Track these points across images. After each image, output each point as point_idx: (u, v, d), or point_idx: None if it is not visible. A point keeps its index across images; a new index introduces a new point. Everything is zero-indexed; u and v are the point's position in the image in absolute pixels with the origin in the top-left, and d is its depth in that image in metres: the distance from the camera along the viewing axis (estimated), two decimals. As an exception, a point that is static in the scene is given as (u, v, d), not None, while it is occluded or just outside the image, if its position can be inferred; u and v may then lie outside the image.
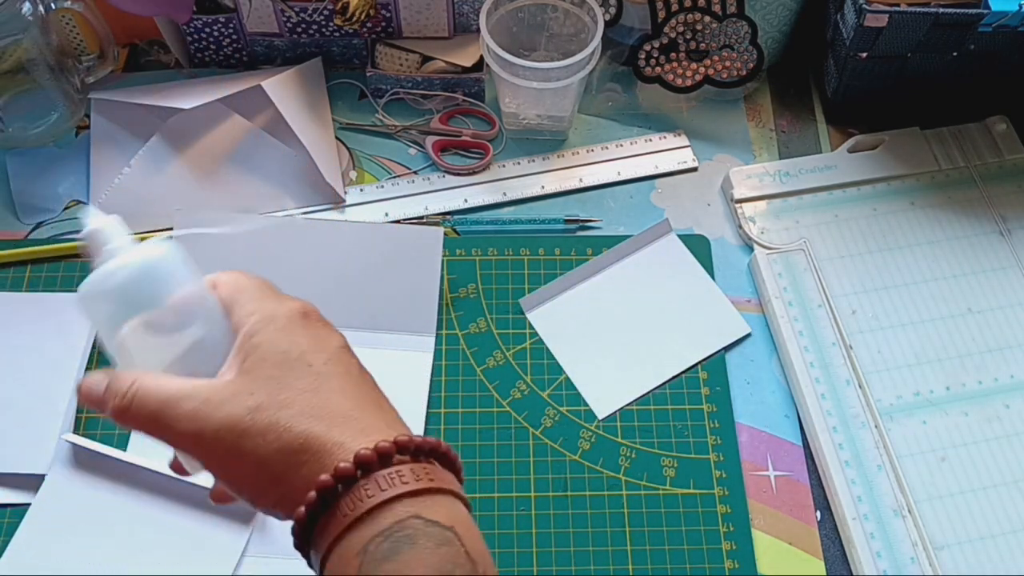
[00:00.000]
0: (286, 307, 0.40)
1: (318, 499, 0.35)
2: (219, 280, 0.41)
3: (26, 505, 0.60)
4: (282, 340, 0.38)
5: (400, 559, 0.33)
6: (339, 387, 0.38)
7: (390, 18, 0.76)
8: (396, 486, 0.35)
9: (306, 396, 0.37)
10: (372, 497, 0.35)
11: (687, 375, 0.66)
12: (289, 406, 0.37)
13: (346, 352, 0.40)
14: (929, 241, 0.71)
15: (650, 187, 0.75)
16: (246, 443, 0.36)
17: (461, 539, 0.35)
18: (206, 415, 0.37)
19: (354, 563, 0.34)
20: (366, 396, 0.39)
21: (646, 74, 0.77)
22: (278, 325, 0.39)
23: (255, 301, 0.40)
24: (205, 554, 0.58)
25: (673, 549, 0.60)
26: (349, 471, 0.35)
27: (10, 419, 0.62)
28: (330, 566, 0.35)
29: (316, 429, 0.36)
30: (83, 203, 0.73)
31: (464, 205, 0.73)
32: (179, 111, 0.72)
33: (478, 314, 0.69)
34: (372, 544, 0.34)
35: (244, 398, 0.37)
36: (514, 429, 0.64)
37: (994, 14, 0.67)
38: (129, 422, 0.38)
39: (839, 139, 0.77)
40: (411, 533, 0.34)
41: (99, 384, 0.39)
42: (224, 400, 0.37)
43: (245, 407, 0.36)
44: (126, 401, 0.38)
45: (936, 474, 0.62)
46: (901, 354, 0.66)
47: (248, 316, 0.39)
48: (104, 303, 0.40)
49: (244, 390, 0.37)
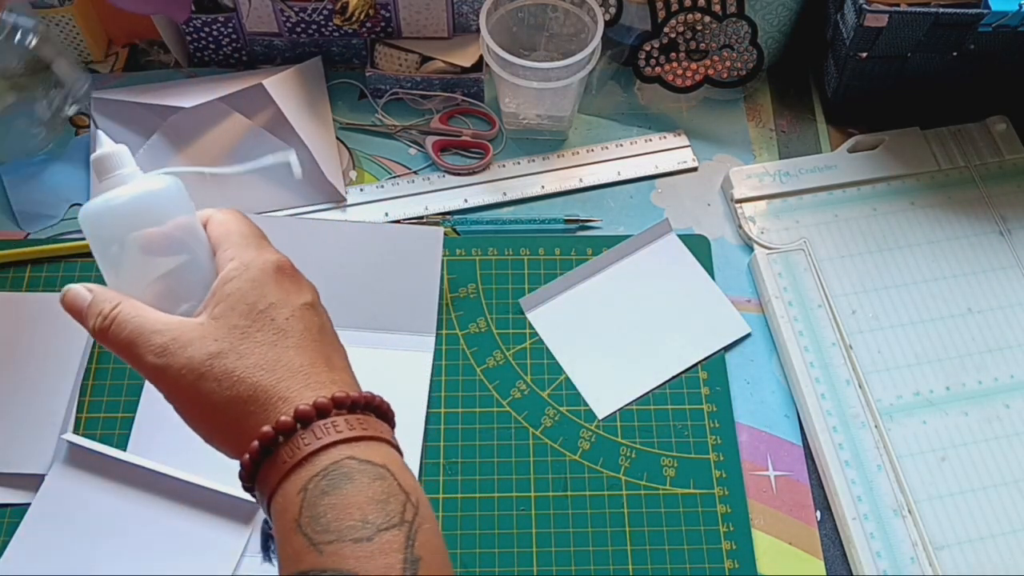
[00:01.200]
0: (262, 259, 0.42)
1: (260, 448, 0.38)
2: (212, 218, 0.45)
3: (26, 505, 0.60)
4: (252, 292, 0.41)
5: (338, 492, 0.37)
6: (296, 343, 0.41)
7: (389, 18, 0.76)
8: (331, 434, 0.38)
9: (263, 348, 0.40)
10: (308, 445, 0.38)
11: (687, 375, 0.66)
12: (246, 356, 0.40)
13: (309, 309, 0.43)
14: (929, 241, 0.71)
15: (650, 187, 0.75)
16: (203, 386, 0.39)
17: (394, 475, 0.38)
18: (171, 352, 0.40)
19: (296, 500, 0.37)
20: (318, 353, 0.41)
21: (646, 74, 0.77)
22: (251, 275, 0.42)
23: (237, 247, 0.43)
24: (205, 554, 0.58)
25: (673, 549, 0.60)
26: (288, 424, 0.38)
27: (10, 419, 0.62)
28: (275, 506, 0.38)
29: (266, 381, 0.39)
30: (80, 205, 0.72)
31: (464, 205, 0.73)
32: (179, 110, 0.72)
33: (478, 314, 0.69)
34: (311, 483, 0.37)
35: (208, 343, 0.40)
36: (514, 429, 0.64)
37: (994, 14, 0.67)
38: (105, 343, 0.42)
39: (839, 139, 0.77)
40: (347, 471, 0.37)
41: (83, 299, 0.42)
42: (190, 341, 0.40)
43: (207, 352, 0.40)
44: (106, 323, 0.41)
45: (936, 474, 0.62)
46: (901, 354, 0.66)
47: (228, 260, 0.42)
48: (105, 222, 0.43)
49: (209, 335, 0.40)
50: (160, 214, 0.43)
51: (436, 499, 0.61)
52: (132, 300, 0.42)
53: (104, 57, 0.81)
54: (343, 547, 0.36)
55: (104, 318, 0.41)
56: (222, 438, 0.41)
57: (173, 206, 0.44)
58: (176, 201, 0.44)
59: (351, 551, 0.36)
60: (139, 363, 0.41)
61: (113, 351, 0.42)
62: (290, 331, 0.41)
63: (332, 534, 0.36)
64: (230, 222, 0.44)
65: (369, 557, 0.36)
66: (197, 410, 0.41)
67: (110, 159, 0.44)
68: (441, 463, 0.63)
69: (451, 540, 0.60)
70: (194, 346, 0.40)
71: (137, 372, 0.42)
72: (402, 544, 0.37)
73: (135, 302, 0.42)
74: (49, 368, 0.64)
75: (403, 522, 0.37)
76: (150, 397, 0.64)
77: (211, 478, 0.60)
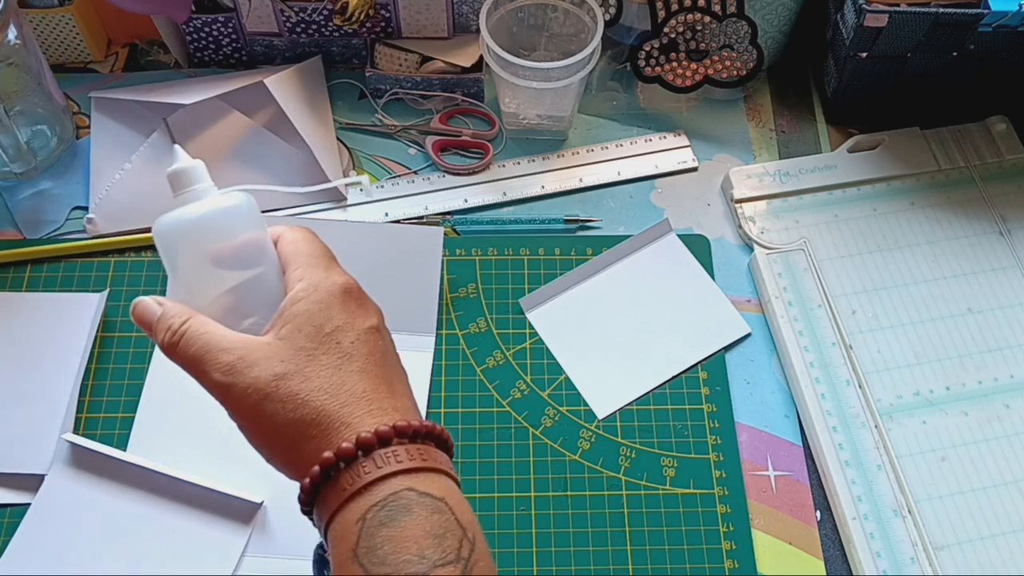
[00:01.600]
0: (330, 280, 0.43)
1: (321, 473, 0.39)
2: (283, 236, 0.45)
3: (26, 505, 0.60)
4: (319, 313, 0.42)
5: (397, 525, 0.37)
6: (360, 368, 0.41)
7: (389, 18, 0.76)
8: (391, 464, 0.38)
9: (328, 372, 0.40)
10: (369, 473, 0.38)
11: (687, 375, 0.66)
12: (311, 379, 0.40)
13: (375, 333, 0.43)
14: (929, 241, 0.71)
15: (650, 187, 0.75)
16: (267, 407, 0.40)
17: (452, 509, 0.38)
18: (238, 371, 0.40)
19: (354, 530, 0.37)
20: (381, 379, 0.42)
21: (646, 74, 0.77)
22: (319, 297, 0.42)
23: (306, 267, 0.43)
24: (205, 554, 0.58)
25: (673, 549, 0.60)
26: (350, 451, 0.38)
27: (10, 419, 0.62)
28: (333, 533, 0.39)
29: (330, 406, 0.40)
30: (82, 208, 0.72)
31: (464, 205, 0.73)
32: (179, 107, 0.72)
33: (478, 314, 0.69)
34: (370, 513, 0.37)
35: (274, 364, 0.40)
36: (514, 429, 0.64)
37: (994, 14, 0.67)
38: (172, 357, 0.42)
39: (839, 139, 0.77)
40: (406, 503, 0.38)
41: (153, 312, 0.43)
42: (256, 361, 0.40)
43: (273, 373, 0.40)
44: (175, 338, 0.42)
45: (936, 474, 0.62)
46: (901, 354, 0.66)
47: (297, 280, 0.43)
48: (177, 236, 0.44)
49: (276, 356, 0.41)
50: (231, 230, 0.44)
51: (436, 499, 0.61)
52: (200, 316, 0.42)
53: (104, 57, 0.81)
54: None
55: (173, 333, 0.42)
56: (283, 460, 0.41)
57: (244, 222, 0.44)
58: (247, 217, 0.45)
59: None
60: (205, 379, 0.41)
61: (180, 365, 0.42)
62: (355, 355, 0.41)
63: (388, 567, 0.36)
64: (300, 241, 0.45)
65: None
66: (260, 430, 0.41)
67: (186, 174, 0.45)
68: (441, 463, 0.63)
69: (451, 540, 0.60)
70: (260, 366, 0.40)
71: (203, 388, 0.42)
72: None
73: (203, 318, 0.42)
74: (49, 368, 0.64)
75: (459, 559, 0.37)
76: (150, 397, 0.64)
77: (211, 478, 0.60)
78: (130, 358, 0.66)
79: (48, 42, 0.78)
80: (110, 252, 0.70)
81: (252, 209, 0.45)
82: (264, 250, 0.45)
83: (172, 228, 0.44)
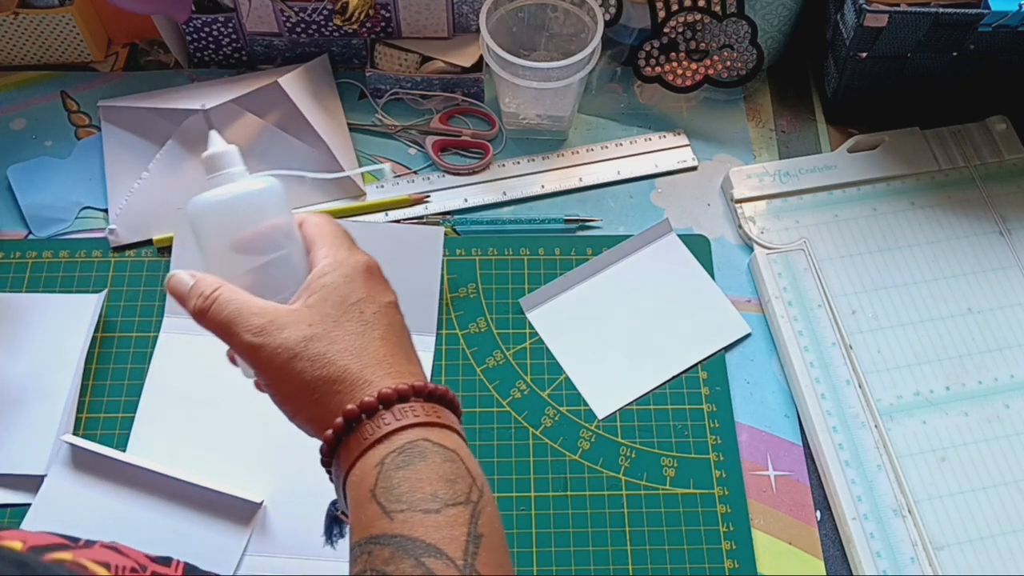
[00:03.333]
0: (355, 258, 0.46)
1: (344, 424, 0.41)
2: (307, 220, 0.48)
3: (26, 505, 0.60)
4: (344, 286, 0.45)
5: (412, 468, 0.40)
6: (380, 335, 0.44)
7: (389, 18, 0.76)
8: (409, 417, 0.41)
9: (352, 337, 0.43)
10: (388, 424, 0.41)
11: (687, 375, 0.66)
12: (337, 342, 0.43)
13: (393, 308, 0.46)
14: (929, 241, 0.71)
15: (650, 187, 0.75)
16: (296, 365, 0.42)
17: (463, 460, 0.42)
18: (268, 333, 0.43)
19: (372, 472, 0.40)
20: (399, 347, 0.45)
21: (646, 74, 0.77)
22: (344, 272, 0.45)
23: (331, 247, 0.46)
24: (205, 554, 0.58)
25: (673, 549, 0.60)
26: (372, 404, 0.41)
27: (10, 420, 0.62)
28: (352, 478, 0.41)
29: (353, 366, 0.43)
30: (91, 208, 0.73)
31: (464, 205, 0.73)
32: (191, 114, 0.72)
33: (478, 314, 0.69)
34: (388, 458, 0.40)
35: (303, 327, 0.43)
36: (514, 429, 0.64)
37: (994, 14, 0.67)
38: (204, 323, 0.45)
39: (839, 139, 0.77)
40: (422, 450, 0.41)
41: (185, 283, 0.45)
42: (286, 324, 0.43)
43: (302, 335, 0.43)
44: (207, 303, 0.44)
45: (936, 474, 0.62)
46: (901, 354, 0.66)
47: (323, 258, 0.46)
48: (209, 216, 0.46)
49: (304, 320, 0.43)
50: (260, 212, 0.46)
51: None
52: (230, 285, 0.45)
53: (104, 57, 0.81)
54: (413, 516, 0.39)
55: (205, 299, 0.44)
56: (308, 415, 0.43)
57: (273, 205, 0.47)
58: (275, 201, 0.47)
59: (420, 520, 0.39)
60: (236, 341, 0.43)
61: (211, 330, 0.44)
62: (376, 324, 0.44)
63: (404, 503, 0.39)
64: (324, 224, 0.48)
65: (436, 527, 0.39)
66: (288, 387, 0.43)
67: (221, 158, 0.47)
68: (441, 463, 0.63)
69: (451, 540, 0.60)
70: (290, 329, 0.43)
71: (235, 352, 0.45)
72: (467, 520, 0.39)
73: (233, 287, 0.45)
74: (49, 368, 0.64)
75: (469, 501, 0.40)
76: (150, 397, 0.64)
77: (211, 478, 0.60)
78: (130, 358, 0.66)
79: (48, 42, 0.78)
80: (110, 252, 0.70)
81: (279, 193, 0.47)
82: (290, 232, 0.47)
83: (205, 208, 0.46)
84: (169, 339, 0.67)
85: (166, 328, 0.67)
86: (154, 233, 0.71)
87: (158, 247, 0.71)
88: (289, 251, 0.47)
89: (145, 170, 0.72)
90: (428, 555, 0.38)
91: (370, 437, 0.41)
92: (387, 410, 0.42)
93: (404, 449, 0.41)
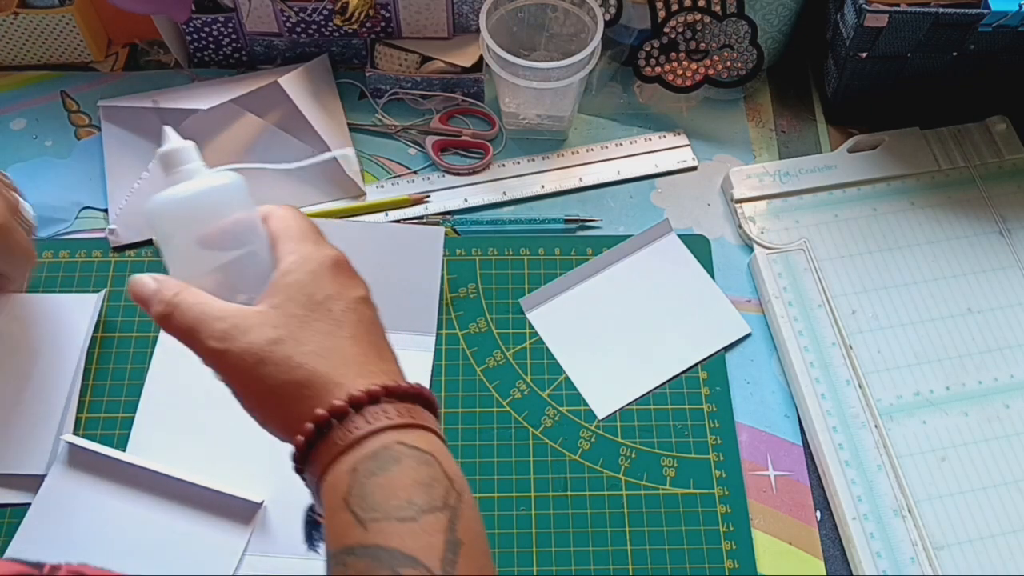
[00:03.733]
0: (322, 253, 0.44)
1: (315, 430, 0.40)
2: (272, 213, 0.46)
3: (26, 505, 0.60)
4: (310, 283, 0.43)
5: (386, 474, 0.39)
6: (350, 334, 0.43)
7: (389, 18, 0.76)
8: (381, 420, 0.40)
9: (320, 337, 0.42)
10: (360, 429, 0.40)
11: (687, 375, 0.66)
12: (304, 343, 0.41)
13: (363, 303, 0.45)
14: (929, 241, 0.71)
15: (650, 187, 0.75)
16: (262, 370, 0.41)
17: (440, 462, 0.40)
18: (233, 337, 0.41)
19: (345, 479, 0.39)
20: (371, 344, 0.43)
21: (646, 74, 0.77)
22: (310, 268, 0.43)
23: (296, 241, 0.45)
24: (205, 554, 0.58)
25: (673, 549, 0.60)
26: (342, 408, 0.40)
27: (10, 419, 0.62)
28: (325, 487, 0.40)
29: (322, 368, 0.41)
30: (91, 208, 0.73)
31: (464, 205, 0.73)
32: (191, 113, 0.72)
33: (478, 314, 0.69)
34: (361, 464, 0.39)
35: (268, 330, 0.42)
36: (514, 429, 0.64)
37: (994, 14, 0.67)
38: (167, 328, 0.43)
39: (839, 139, 0.77)
40: (395, 455, 0.39)
41: (148, 287, 0.44)
42: (250, 327, 0.42)
43: (267, 338, 0.41)
44: (169, 308, 0.43)
45: (936, 474, 0.62)
46: (901, 354, 0.66)
47: (288, 254, 0.44)
48: (169, 215, 0.45)
49: (269, 322, 0.42)
50: (222, 208, 0.45)
51: (436, 499, 0.61)
52: (194, 288, 0.44)
53: (104, 57, 0.81)
54: (388, 525, 0.38)
55: (167, 304, 0.43)
56: (277, 420, 0.42)
57: (235, 201, 0.46)
58: (238, 196, 0.46)
59: (395, 529, 0.38)
60: (200, 347, 0.42)
61: (175, 336, 0.43)
62: (345, 322, 0.43)
63: (378, 512, 0.38)
64: (289, 218, 0.46)
65: (412, 536, 0.38)
66: (254, 393, 0.42)
67: (177, 154, 0.46)
68: (441, 463, 0.63)
69: (451, 540, 0.60)
70: (255, 332, 0.41)
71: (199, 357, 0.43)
72: (444, 527, 0.38)
73: (197, 290, 0.43)
74: (49, 368, 0.64)
75: (446, 506, 0.39)
76: (150, 397, 0.64)
77: (211, 478, 0.60)
78: (130, 358, 0.66)
79: (48, 42, 0.78)
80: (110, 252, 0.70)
81: (241, 189, 0.46)
82: (254, 228, 0.46)
83: (164, 207, 0.45)
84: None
85: (166, 328, 0.67)
86: None
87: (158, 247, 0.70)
88: (254, 248, 0.45)
89: (145, 170, 0.72)
90: (404, 565, 0.37)
91: (341, 443, 0.40)
92: (358, 413, 0.40)
93: (377, 454, 0.39)
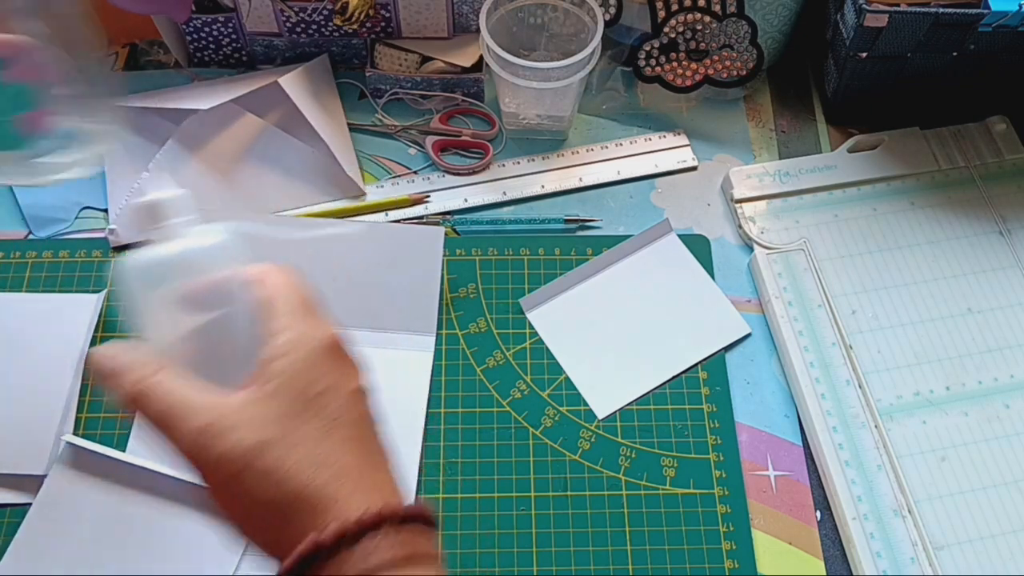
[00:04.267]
0: (318, 333, 0.40)
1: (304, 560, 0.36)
2: (265, 278, 0.41)
3: (26, 505, 0.60)
4: (303, 373, 0.38)
5: None
6: (345, 437, 0.38)
7: (389, 18, 0.76)
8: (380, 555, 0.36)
9: (311, 443, 0.37)
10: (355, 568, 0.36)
11: (687, 375, 0.66)
12: (295, 449, 0.37)
13: (358, 397, 0.40)
14: (929, 241, 0.71)
15: (650, 187, 0.75)
16: (245, 479, 0.36)
17: None
18: (212, 436, 0.36)
19: None
20: (366, 451, 0.39)
21: (646, 74, 0.77)
22: (303, 355, 0.39)
23: (291, 315, 0.40)
24: (205, 554, 0.58)
25: (673, 549, 0.60)
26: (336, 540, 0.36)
27: (10, 419, 0.62)
28: None
29: (314, 482, 0.37)
30: (91, 208, 0.73)
31: (464, 205, 0.73)
32: (191, 113, 0.72)
33: (478, 314, 0.69)
34: None
35: (256, 430, 0.37)
36: (514, 429, 0.64)
37: (994, 14, 0.67)
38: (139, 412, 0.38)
39: (839, 139, 0.77)
40: None
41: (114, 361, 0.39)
42: (236, 425, 0.37)
43: (254, 440, 0.37)
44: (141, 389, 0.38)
45: (936, 474, 0.62)
46: (901, 354, 0.66)
47: (282, 331, 0.39)
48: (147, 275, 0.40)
49: (258, 419, 0.37)
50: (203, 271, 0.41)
51: (436, 499, 0.61)
52: (171, 368, 0.38)
53: (104, 57, 0.81)
54: None
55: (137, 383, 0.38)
56: (261, 538, 0.38)
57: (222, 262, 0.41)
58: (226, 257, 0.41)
59: None
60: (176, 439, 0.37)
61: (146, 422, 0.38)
62: (342, 423, 0.38)
63: None
64: (282, 286, 0.41)
65: None
66: (235, 504, 0.38)
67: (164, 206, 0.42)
68: (441, 463, 0.63)
69: (451, 540, 0.60)
70: (241, 430, 0.37)
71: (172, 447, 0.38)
72: None
73: (175, 370, 0.38)
74: (49, 368, 0.64)
75: None
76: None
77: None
78: (130, 358, 0.66)
79: (48, 42, 0.78)
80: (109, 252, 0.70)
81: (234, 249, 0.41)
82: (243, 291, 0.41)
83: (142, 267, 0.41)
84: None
85: (166, 328, 0.67)
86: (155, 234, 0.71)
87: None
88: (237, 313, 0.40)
89: (145, 170, 0.72)
90: None
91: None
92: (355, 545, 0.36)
93: None
